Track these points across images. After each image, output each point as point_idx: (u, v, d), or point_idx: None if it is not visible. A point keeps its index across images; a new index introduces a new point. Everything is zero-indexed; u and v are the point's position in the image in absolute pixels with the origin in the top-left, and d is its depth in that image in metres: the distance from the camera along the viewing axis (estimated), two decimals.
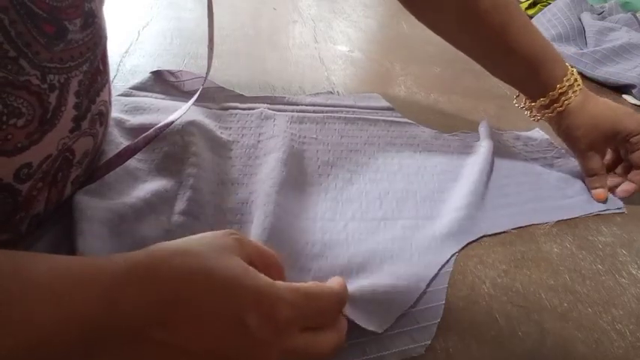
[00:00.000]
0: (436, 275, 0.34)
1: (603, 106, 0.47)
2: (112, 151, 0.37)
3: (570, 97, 0.46)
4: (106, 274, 0.20)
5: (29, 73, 0.25)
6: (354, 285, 0.30)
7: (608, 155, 0.50)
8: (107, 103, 0.35)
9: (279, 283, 0.23)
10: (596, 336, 0.32)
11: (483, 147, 0.49)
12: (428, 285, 0.33)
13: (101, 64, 0.33)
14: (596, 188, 0.46)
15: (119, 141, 0.40)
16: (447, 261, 0.36)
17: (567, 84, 0.46)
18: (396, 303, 0.31)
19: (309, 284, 0.25)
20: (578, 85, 0.47)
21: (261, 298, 0.22)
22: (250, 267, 0.23)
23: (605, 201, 0.45)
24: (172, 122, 0.42)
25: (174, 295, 0.20)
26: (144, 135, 0.39)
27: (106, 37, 0.33)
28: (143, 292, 0.20)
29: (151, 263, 0.21)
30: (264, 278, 0.23)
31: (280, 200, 0.37)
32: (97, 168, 0.36)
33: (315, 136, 0.48)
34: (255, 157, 0.44)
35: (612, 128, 0.46)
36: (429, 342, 0.30)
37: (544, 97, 0.47)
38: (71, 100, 0.29)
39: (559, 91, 0.46)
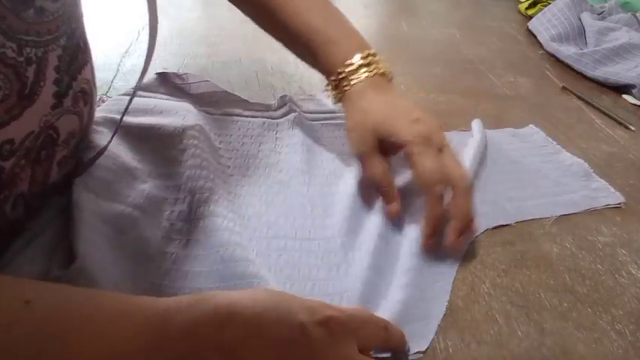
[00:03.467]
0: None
1: (383, 99, 0.39)
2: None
3: (350, 84, 0.40)
4: (151, 308, 0.22)
5: (4, 45, 0.25)
6: (389, 303, 0.32)
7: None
8: (90, 83, 0.35)
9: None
10: (596, 336, 0.32)
11: (475, 141, 0.49)
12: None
13: (81, 41, 0.33)
14: (387, 204, 0.38)
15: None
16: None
17: (349, 69, 0.40)
18: (431, 315, 0.32)
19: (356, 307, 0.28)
20: (366, 72, 0.40)
21: (313, 307, 0.24)
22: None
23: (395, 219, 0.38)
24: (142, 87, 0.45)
25: (228, 318, 0.22)
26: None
27: (82, 13, 0.33)
28: (193, 317, 0.21)
29: (199, 296, 0.23)
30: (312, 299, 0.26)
31: (302, 223, 0.37)
32: (86, 161, 0.35)
33: (317, 144, 0.48)
34: (254, 167, 0.43)
35: (382, 128, 0.37)
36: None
37: (328, 81, 0.43)
38: (50, 75, 0.29)
39: (339, 76, 0.41)
